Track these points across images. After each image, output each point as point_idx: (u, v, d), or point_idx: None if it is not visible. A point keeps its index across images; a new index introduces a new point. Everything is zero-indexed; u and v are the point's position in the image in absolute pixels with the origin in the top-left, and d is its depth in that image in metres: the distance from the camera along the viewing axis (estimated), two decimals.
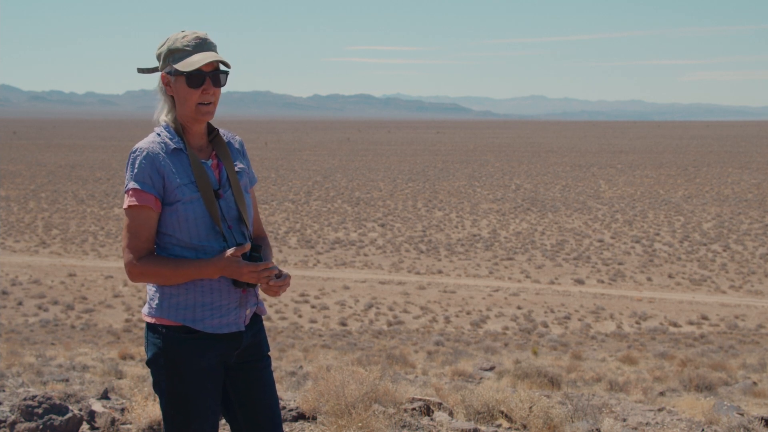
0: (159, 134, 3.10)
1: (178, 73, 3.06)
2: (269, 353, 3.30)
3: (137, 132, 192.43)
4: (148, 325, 3.11)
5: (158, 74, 3.14)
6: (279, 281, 3.06)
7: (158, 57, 3.12)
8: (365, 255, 42.45)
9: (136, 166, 3.02)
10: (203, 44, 3.09)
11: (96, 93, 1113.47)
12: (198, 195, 3.04)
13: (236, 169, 3.20)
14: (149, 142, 3.07)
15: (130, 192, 3.01)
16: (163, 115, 3.15)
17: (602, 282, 36.47)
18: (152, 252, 3.05)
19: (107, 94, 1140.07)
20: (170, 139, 3.08)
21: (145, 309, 3.12)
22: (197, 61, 3.04)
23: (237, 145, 3.28)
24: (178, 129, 3.10)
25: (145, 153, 3.03)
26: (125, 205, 3.03)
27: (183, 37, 3.08)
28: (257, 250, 3.09)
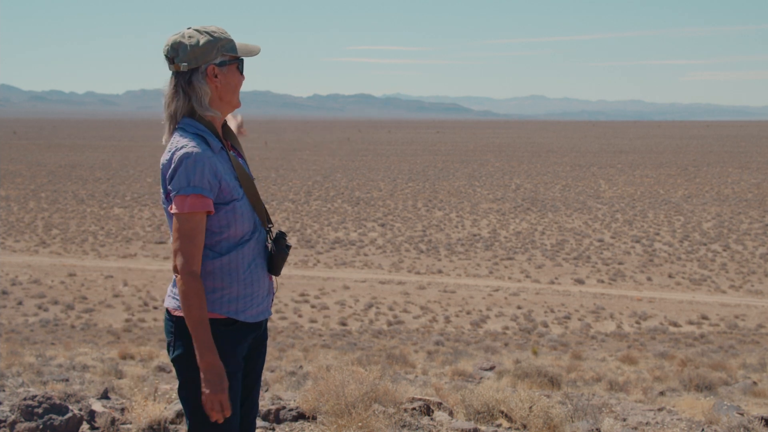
0: (199, 135, 3.04)
1: (232, 62, 3.09)
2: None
3: (137, 132, 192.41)
4: (181, 320, 3.02)
5: (170, 73, 3.07)
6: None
7: (193, 52, 3.02)
8: (365, 255, 42.46)
9: (196, 170, 2.94)
10: None
11: (96, 93, 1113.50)
12: (242, 191, 3.06)
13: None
14: (198, 145, 2.99)
15: (193, 197, 2.93)
16: (185, 112, 3.07)
17: (602, 282, 36.47)
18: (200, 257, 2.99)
19: (107, 94, 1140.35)
20: (212, 139, 3.05)
21: (175, 303, 3.05)
22: (255, 46, 3.15)
23: (235, 130, 3.36)
24: (212, 127, 3.08)
25: (202, 157, 2.96)
26: (185, 209, 2.93)
27: (217, 29, 3.08)
28: (284, 236, 3.15)
